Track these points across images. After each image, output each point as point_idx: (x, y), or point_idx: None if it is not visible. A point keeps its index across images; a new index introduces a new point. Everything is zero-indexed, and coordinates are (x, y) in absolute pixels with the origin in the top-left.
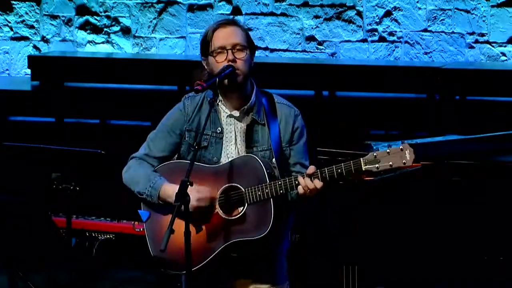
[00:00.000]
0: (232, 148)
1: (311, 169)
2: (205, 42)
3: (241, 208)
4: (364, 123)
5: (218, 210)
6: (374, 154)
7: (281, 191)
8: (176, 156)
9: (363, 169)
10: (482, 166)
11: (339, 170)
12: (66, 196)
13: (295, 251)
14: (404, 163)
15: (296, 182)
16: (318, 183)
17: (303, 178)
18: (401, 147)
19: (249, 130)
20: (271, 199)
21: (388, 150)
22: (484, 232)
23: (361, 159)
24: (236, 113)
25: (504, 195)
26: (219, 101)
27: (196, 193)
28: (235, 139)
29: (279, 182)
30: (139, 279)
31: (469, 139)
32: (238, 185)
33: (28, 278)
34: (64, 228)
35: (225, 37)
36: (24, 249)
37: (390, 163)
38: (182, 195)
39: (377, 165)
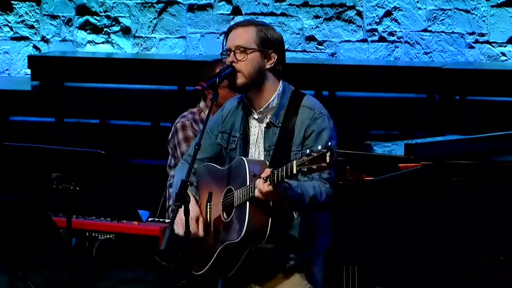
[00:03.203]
0: (254, 150)
1: (266, 172)
2: (223, 42)
3: (233, 211)
4: (364, 123)
5: (221, 212)
6: (304, 157)
7: (251, 194)
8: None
9: (294, 171)
10: (482, 166)
11: (282, 173)
12: (66, 196)
13: None
14: (324, 166)
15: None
16: (266, 187)
17: (260, 181)
18: (324, 150)
19: (267, 132)
20: (247, 203)
21: (314, 154)
22: (484, 232)
23: (294, 161)
24: (256, 115)
25: (504, 195)
26: (246, 103)
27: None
28: (256, 141)
29: (250, 185)
30: (139, 279)
31: (469, 139)
32: (232, 188)
33: (28, 278)
34: (64, 228)
35: (230, 39)
36: (24, 249)
37: (314, 166)
38: (182, 195)
39: (304, 168)
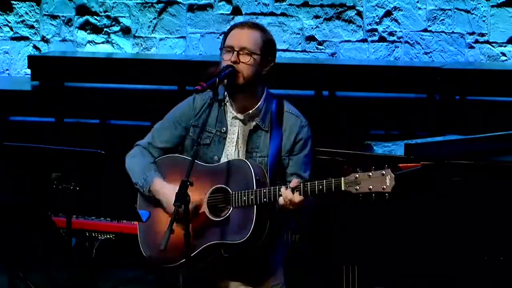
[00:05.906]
0: (232, 150)
1: (294, 182)
2: (224, 36)
3: (226, 211)
4: (364, 123)
5: (205, 209)
6: (356, 175)
7: (265, 200)
8: (180, 148)
9: (343, 189)
10: (482, 166)
11: (320, 187)
12: (66, 196)
13: (295, 251)
14: (383, 189)
15: (280, 193)
16: (297, 197)
17: (286, 189)
18: (383, 172)
19: (251, 134)
20: (255, 206)
21: (369, 174)
22: (484, 232)
23: (343, 178)
24: (241, 116)
25: (504, 195)
26: (226, 101)
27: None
28: (237, 141)
29: (264, 190)
30: (139, 279)
31: (469, 139)
32: (227, 188)
33: (28, 278)
34: (64, 228)
35: (237, 38)
36: (24, 249)
37: (370, 186)
38: (182, 195)
39: (356, 187)
